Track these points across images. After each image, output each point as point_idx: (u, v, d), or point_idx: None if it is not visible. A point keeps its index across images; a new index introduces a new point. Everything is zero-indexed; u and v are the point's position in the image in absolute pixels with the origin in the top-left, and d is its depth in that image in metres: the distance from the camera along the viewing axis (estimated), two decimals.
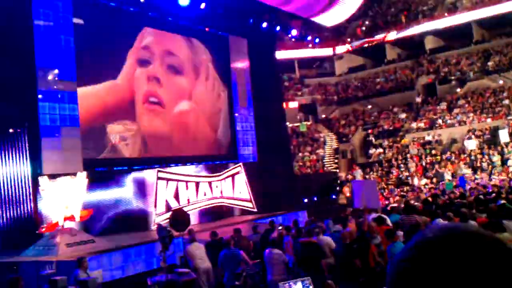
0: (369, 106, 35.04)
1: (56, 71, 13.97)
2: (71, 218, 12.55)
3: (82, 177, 13.13)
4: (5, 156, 13.02)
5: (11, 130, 13.03)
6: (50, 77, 13.83)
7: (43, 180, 12.33)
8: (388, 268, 0.92)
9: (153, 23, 17.60)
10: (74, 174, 13.12)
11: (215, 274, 10.40)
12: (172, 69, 18.12)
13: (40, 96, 13.49)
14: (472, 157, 25.23)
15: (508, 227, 7.87)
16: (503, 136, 25.45)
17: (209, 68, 19.79)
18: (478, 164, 24.65)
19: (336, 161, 30.60)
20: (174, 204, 16.34)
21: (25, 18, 13.30)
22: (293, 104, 34.31)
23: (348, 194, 26.03)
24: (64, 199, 12.44)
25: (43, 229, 12.23)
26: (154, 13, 17.44)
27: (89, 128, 15.06)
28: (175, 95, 18.15)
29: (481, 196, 14.58)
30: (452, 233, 0.88)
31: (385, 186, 25.84)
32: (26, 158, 13.10)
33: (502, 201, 11.75)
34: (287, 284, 7.39)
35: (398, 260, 0.90)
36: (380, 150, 30.12)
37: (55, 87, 13.86)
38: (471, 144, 26.23)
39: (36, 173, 12.90)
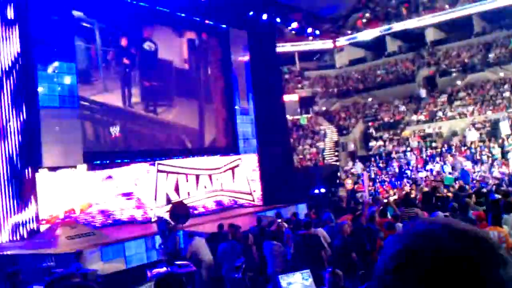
0: (370, 99, 34.95)
1: (56, 63, 13.97)
2: (71, 211, 12.58)
3: (82, 170, 13.15)
4: (5, 149, 13.01)
5: (10, 124, 13.01)
6: (49, 70, 13.83)
7: (43, 173, 12.34)
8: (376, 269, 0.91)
9: (151, 16, 17.54)
10: (74, 166, 13.14)
11: (215, 267, 10.43)
12: (169, 60, 18.10)
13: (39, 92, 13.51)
14: (473, 150, 25.19)
15: (507, 221, 7.86)
16: (504, 128, 25.38)
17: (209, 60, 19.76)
18: (478, 157, 24.60)
19: (336, 153, 30.56)
20: (174, 197, 16.35)
21: None
22: (294, 97, 34.21)
23: (349, 187, 26.00)
24: (64, 191, 12.46)
25: (44, 222, 12.25)
26: (153, 5, 17.37)
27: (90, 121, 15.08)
28: (174, 88, 18.14)
29: (484, 190, 14.54)
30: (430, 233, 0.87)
31: (386, 179, 25.83)
32: (26, 151, 13.10)
33: (497, 195, 11.68)
34: (287, 276, 7.41)
35: (381, 263, 0.88)
36: (381, 142, 30.08)
37: (55, 79, 13.86)
38: (472, 135, 26.19)
39: (36, 165, 12.91)
